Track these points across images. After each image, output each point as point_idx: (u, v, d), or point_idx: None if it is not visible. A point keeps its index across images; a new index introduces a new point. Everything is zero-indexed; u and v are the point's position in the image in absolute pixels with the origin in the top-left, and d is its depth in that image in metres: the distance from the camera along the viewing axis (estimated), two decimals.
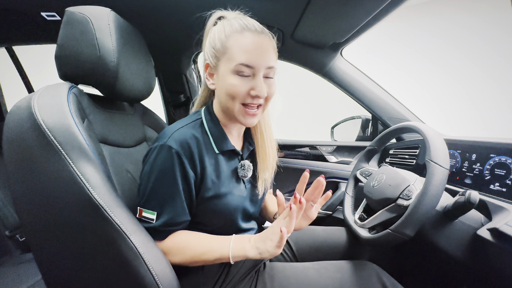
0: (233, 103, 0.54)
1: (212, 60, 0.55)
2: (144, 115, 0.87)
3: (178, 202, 0.54)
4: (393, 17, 0.75)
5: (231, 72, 0.52)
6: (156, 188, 0.53)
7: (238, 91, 0.52)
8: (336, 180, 1.20)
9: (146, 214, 0.54)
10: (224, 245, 0.54)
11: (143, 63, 0.74)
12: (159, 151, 0.53)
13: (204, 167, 0.55)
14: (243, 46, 0.51)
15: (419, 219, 0.56)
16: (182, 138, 0.53)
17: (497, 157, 0.68)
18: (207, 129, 0.59)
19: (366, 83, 1.08)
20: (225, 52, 0.52)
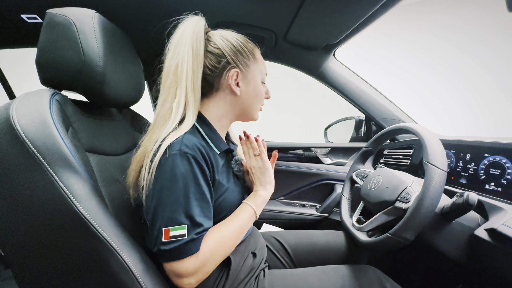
0: (258, 105, 0.65)
1: (243, 68, 0.60)
2: (134, 120, 0.84)
3: (205, 206, 0.51)
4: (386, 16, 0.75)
5: (261, 80, 0.64)
6: (180, 199, 0.48)
7: (263, 95, 0.66)
8: (331, 182, 1.20)
9: (175, 232, 0.47)
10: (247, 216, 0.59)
11: (132, 67, 0.71)
12: (174, 160, 0.49)
13: (213, 166, 0.56)
14: (262, 59, 0.65)
15: (419, 223, 0.55)
16: (191, 143, 0.51)
17: (492, 157, 0.69)
18: (203, 133, 0.60)
19: (359, 84, 1.08)
20: (255, 62, 0.62)
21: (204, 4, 0.79)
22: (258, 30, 0.89)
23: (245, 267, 0.64)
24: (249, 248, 0.67)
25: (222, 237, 0.54)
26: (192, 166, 0.50)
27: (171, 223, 0.47)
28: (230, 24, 0.88)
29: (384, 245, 0.62)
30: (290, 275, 0.66)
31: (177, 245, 0.47)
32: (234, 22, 0.87)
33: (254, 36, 0.93)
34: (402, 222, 0.58)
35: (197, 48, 0.55)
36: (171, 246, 0.47)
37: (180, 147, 0.50)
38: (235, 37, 0.61)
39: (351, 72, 1.07)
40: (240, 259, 0.64)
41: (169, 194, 0.48)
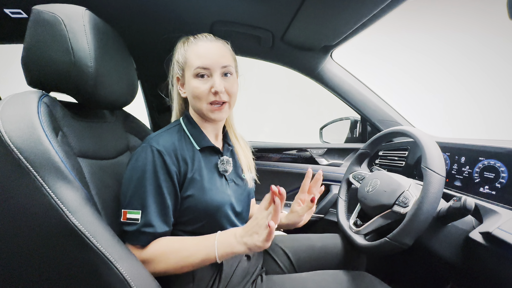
0: (200, 104, 0.61)
1: (179, 72, 0.65)
2: (126, 121, 0.81)
3: (161, 200, 0.55)
4: None
5: (193, 77, 0.61)
6: (138, 186, 0.54)
7: (200, 92, 0.60)
8: (327, 182, 1.20)
9: (131, 215, 0.54)
10: (209, 244, 0.54)
11: (124, 67, 0.68)
12: (141, 152, 0.57)
13: (187, 164, 0.59)
14: (197, 53, 0.61)
15: (418, 228, 0.56)
16: (163, 139, 0.59)
17: (486, 160, 0.70)
18: (186, 130, 0.65)
19: (355, 85, 1.08)
20: (186, 62, 0.62)
21: (200, 3, 0.77)
22: (256, 30, 0.87)
23: (239, 271, 0.64)
24: None
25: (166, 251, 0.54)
26: (154, 159, 0.55)
27: (129, 206, 0.54)
28: (226, 24, 0.86)
29: (383, 249, 0.62)
30: (288, 281, 0.66)
31: (130, 229, 0.54)
32: (231, 22, 0.85)
33: (251, 36, 0.92)
34: (401, 227, 0.58)
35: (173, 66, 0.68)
36: (127, 228, 0.54)
37: (150, 141, 0.58)
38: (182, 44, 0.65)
39: (348, 74, 1.07)
40: (233, 263, 0.63)
41: (131, 181, 0.55)
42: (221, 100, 0.61)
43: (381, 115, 1.09)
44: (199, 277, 0.60)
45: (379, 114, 1.09)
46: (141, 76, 1.13)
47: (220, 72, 0.61)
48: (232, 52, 0.66)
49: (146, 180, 0.54)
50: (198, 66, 0.59)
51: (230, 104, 0.64)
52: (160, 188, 0.55)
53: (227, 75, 0.62)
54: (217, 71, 0.60)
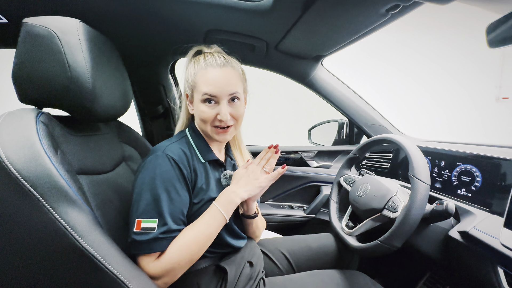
0: (205, 126, 0.64)
1: (188, 91, 0.67)
2: (120, 131, 0.80)
3: (178, 208, 0.56)
4: None
5: (201, 101, 0.62)
6: (155, 195, 0.54)
7: (206, 117, 0.62)
8: (317, 184, 1.25)
9: (146, 224, 0.53)
10: (215, 214, 0.59)
11: (119, 77, 0.67)
12: (156, 160, 0.57)
13: (196, 174, 0.61)
14: (207, 79, 0.62)
15: (407, 231, 0.61)
16: (175, 149, 0.60)
17: (463, 165, 0.77)
18: (192, 143, 0.66)
19: (344, 91, 1.13)
20: (195, 86, 0.64)
21: (196, 12, 0.76)
22: (250, 39, 0.88)
23: (243, 277, 0.66)
24: (245, 257, 0.68)
25: (186, 242, 0.55)
26: (171, 167, 0.56)
27: (144, 215, 0.53)
28: (221, 32, 0.86)
29: (374, 251, 0.67)
30: (289, 282, 0.70)
31: (145, 238, 0.52)
32: (226, 31, 0.86)
33: (245, 44, 0.92)
34: (391, 231, 0.64)
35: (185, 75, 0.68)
36: (141, 237, 0.52)
37: (164, 150, 0.58)
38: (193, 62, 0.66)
39: (337, 80, 1.12)
40: (237, 269, 0.65)
41: (147, 189, 0.54)
42: (226, 125, 0.63)
43: (368, 120, 1.15)
44: (205, 287, 0.61)
45: (366, 118, 1.15)
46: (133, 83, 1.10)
47: (227, 99, 0.63)
48: (241, 74, 0.67)
49: (162, 188, 0.54)
50: (206, 93, 0.61)
51: (235, 126, 0.67)
52: (178, 196, 0.56)
53: (234, 100, 0.64)
54: (224, 98, 0.62)
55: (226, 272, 0.63)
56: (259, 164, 0.66)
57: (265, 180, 0.64)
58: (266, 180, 0.64)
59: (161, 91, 1.11)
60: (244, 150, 0.79)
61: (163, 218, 0.53)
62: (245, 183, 0.63)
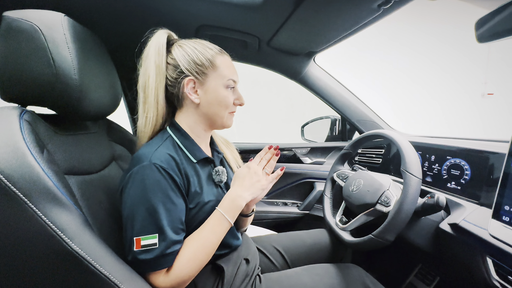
0: (224, 112, 0.63)
1: (199, 77, 0.60)
2: (110, 130, 0.77)
3: (176, 217, 0.53)
4: None
5: (224, 86, 0.61)
6: (150, 209, 0.51)
7: (230, 101, 0.63)
8: (311, 180, 1.26)
9: (146, 241, 0.50)
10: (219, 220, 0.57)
11: (107, 74, 0.65)
12: (143, 171, 0.52)
13: (188, 178, 0.58)
14: (229, 66, 0.62)
15: (399, 225, 0.62)
16: (162, 156, 0.55)
17: (453, 159, 0.79)
18: (179, 143, 0.62)
19: (336, 87, 1.13)
20: (214, 69, 0.60)
21: (187, 6, 0.75)
22: (242, 35, 0.87)
23: (240, 274, 0.66)
24: (241, 255, 0.68)
25: (195, 252, 0.54)
26: (161, 176, 0.52)
27: (142, 233, 0.50)
28: (212, 28, 0.85)
29: (368, 245, 0.68)
30: (285, 277, 0.70)
31: (150, 257, 0.49)
32: (217, 26, 0.84)
33: (237, 40, 0.91)
34: (384, 225, 0.64)
35: (159, 62, 0.58)
36: (145, 256, 0.49)
37: (151, 159, 0.53)
38: (193, 45, 0.61)
39: (329, 76, 1.12)
40: (234, 267, 0.65)
41: (140, 204, 0.50)
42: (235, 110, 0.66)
43: (359, 115, 1.16)
44: (202, 286, 0.60)
45: (358, 114, 1.16)
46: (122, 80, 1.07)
47: None
48: None
49: (157, 200, 0.51)
50: (232, 79, 0.62)
51: None
52: (174, 206, 0.53)
53: None
54: (237, 85, 0.66)
55: (223, 271, 0.62)
56: (259, 164, 0.65)
57: (266, 182, 0.64)
58: (267, 182, 0.64)
59: None
60: (223, 139, 0.79)
61: (163, 232, 0.50)
62: (249, 186, 0.61)
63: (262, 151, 0.68)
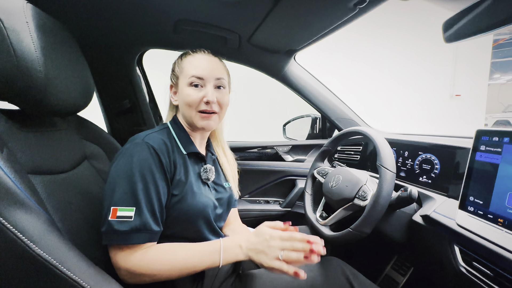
0: (191, 111, 0.63)
1: (173, 81, 0.67)
2: (81, 127, 0.73)
3: (156, 198, 0.54)
4: None
5: (187, 85, 0.63)
6: (132, 182, 0.52)
7: (192, 100, 0.62)
8: (293, 178, 1.28)
9: (123, 213, 0.50)
10: (214, 252, 0.55)
11: (77, 67, 0.61)
12: (135, 148, 0.55)
13: (176, 165, 0.60)
14: (195, 63, 0.64)
15: (375, 218, 0.65)
16: (155, 138, 0.59)
17: (424, 155, 0.83)
18: (174, 134, 0.66)
19: (316, 86, 1.16)
20: (181, 71, 0.65)
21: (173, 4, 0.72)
22: (222, 31, 0.86)
23: (221, 273, 0.66)
24: None
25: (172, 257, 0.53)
26: (151, 156, 0.55)
27: (120, 203, 0.51)
28: (191, 23, 0.83)
29: (347, 238, 0.70)
30: (265, 274, 0.70)
31: (123, 228, 0.50)
32: (196, 21, 0.82)
33: (216, 36, 0.90)
34: (361, 218, 0.66)
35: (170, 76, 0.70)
36: (118, 227, 0.50)
37: (144, 138, 0.57)
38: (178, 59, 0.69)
39: (309, 75, 1.14)
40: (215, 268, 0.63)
41: (123, 177, 0.52)
42: (211, 110, 0.63)
43: (338, 114, 1.19)
44: (181, 286, 0.59)
45: (337, 112, 1.19)
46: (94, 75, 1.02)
47: (214, 84, 0.64)
48: (226, 68, 0.70)
49: (140, 176, 0.53)
50: (193, 75, 0.62)
51: (219, 115, 0.67)
52: (155, 186, 0.54)
53: (220, 88, 0.66)
54: (210, 82, 0.63)
55: (204, 271, 0.61)
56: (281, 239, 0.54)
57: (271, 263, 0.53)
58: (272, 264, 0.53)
59: (127, 84, 1.04)
60: (226, 147, 0.79)
61: (140, 207, 0.51)
62: (259, 251, 0.54)
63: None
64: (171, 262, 0.53)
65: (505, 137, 0.56)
